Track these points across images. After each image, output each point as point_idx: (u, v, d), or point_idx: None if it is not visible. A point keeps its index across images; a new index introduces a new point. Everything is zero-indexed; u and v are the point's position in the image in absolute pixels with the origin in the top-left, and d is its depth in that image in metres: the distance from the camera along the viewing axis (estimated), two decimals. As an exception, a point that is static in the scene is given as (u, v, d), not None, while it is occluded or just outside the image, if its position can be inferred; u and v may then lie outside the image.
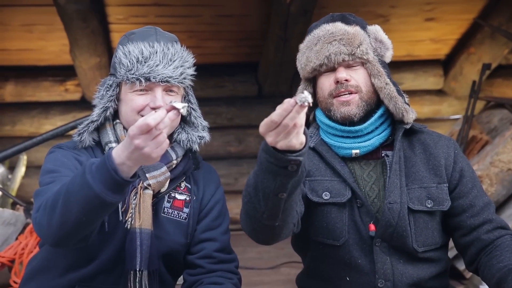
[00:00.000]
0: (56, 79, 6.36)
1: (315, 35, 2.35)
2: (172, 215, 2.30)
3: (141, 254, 2.17)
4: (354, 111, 2.29)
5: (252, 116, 6.46)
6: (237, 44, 6.11)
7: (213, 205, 2.37)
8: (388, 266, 2.27)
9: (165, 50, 2.20)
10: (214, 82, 6.39)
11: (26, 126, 6.42)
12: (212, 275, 2.29)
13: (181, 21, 5.66)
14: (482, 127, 5.28)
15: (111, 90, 2.24)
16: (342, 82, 2.29)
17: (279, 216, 2.00)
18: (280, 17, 5.14)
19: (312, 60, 2.33)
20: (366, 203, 2.28)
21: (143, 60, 2.18)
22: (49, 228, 1.96)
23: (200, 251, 2.32)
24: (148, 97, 2.20)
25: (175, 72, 2.20)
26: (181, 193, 2.33)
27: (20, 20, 5.58)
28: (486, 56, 6.13)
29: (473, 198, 2.33)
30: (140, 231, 2.17)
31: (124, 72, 2.20)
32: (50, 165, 2.18)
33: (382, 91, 2.31)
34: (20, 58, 6.20)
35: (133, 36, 2.26)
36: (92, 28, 5.35)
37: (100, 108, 2.24)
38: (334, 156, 2.34)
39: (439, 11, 5.88)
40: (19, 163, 6.02)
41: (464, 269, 4.31)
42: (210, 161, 6.42)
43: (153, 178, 2.20)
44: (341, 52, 2.29)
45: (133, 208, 2.18)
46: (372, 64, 2.32)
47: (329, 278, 2.34)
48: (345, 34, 2.31)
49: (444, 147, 2.37)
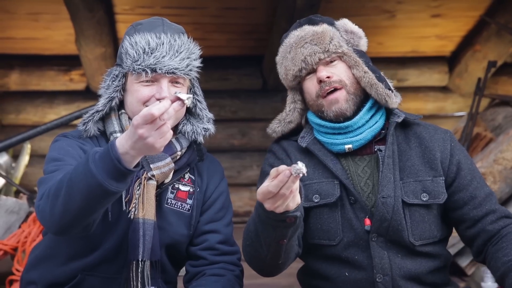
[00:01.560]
0: (61, 69, 6.37)
1: (287, 44, 2.39)
2: (175, 206, 2.30)
3: (144, 245, 2.17)
4: (344, 106, 2.32)
5: (256, 110, 6.45)
6: (242, 37, 6.10)
7: (217, 197, 2.38)
8: (386, 261, 2.28)
9: (171, 41, 2.20)
10: (219, 74, 6.38)
11: (30, 115, 6.42)
12: (214, 267, 2.30)
13: (187, 12, 5.65)
14: (487, 124, 5.28)
15: (117, 80, 2.25)
16: (324, 80, 2.31)
17: (282, 256, 2.13)
18: (286, 10, 5.13)
19: (291, 68, 2.36)
20: (360, 199, 2.28)
21: (150, 51, 2.18)
22: (51, 216, 1.97)
23: (202, 243, 2.33)
24: (153, 88, 2.20)
25: (181, 63, 2.20)
26: (185, 184, 2.33)
27: (26, 8, 5.58)
28: (492, 53, 6.11)
29: (474, 189, 2.33)
30: (144, 221, 2.17)
31: (130, 62, 2.20)
32: (55, 153, 2.18)
33: (362, 80, 2.34)
34: (25, 47, 6.20)
35: (140, 27, 2.26)
36: (98, 18, 5.34)
37: (106, 98, 2.25)
38: (326, 154, 2.35)
39: (446, 8, 5.86)
40: (23, 152, 6.03)
41: (466, 266, 4.32)
42: (213, 153, 6.38)
43: (157, 168, 2.21)
44: (315, 52, 2.32)
45: (136, 198, 2.18)
46: (348, 56, 2.35)
47: (327, 276, 2.35)
48: (314, 34, 2.35)
49: (440, 140, 2.37)
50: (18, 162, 6.02)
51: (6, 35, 5.99)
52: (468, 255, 4.29)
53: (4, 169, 5.84)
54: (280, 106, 6.28)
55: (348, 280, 2.31)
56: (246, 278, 2.41)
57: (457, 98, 6.77)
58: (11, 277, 3.65)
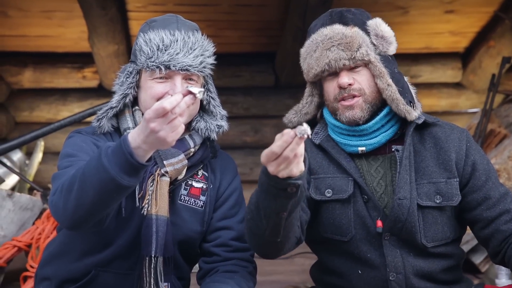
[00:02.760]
0: (74, 66, 6.40)
1: (313, 41, 2.33)
2: (188, 202, 2.30)
3: (157, 241, 2.18)
4: (359, 114, 2.28)
5: (268, 106, 6.45)
6: (255, 34, 6.11)
7: (230, 193, 2.38)
8: (399, 259, 2.27)
9: (185, 38, 2.21)
10: (231, 71, 6.39)
11: (43, 112, 6.46)
12: (228, 263, 2.30)
13: (199, 10, 5.66)
14: (501, 120, 5.25)
15: (131, 77, 2.25)
16: (345, 87, 2.27)
17: (281, 233, 2.08)
18: (299, 7, 5.13)
19: (314, 67, 2.32)
20: (373, 197, 2.27)
21: (164, 48, 2.18)
22: (65, 210, 1.98)
23: (216, 239, 2.33)
24: (167, 85, 2.20)
25: (195, 60, 2.20)
26: (198, 181, 2.33)
27: (39, 6, 5.61)
28: (506, 49, 6.08)
29: (488, 190, 2.30)
30: (157, 217, 2.18)
31: (145, 59, 2.20)
32: (69, 149, 2.20)
33: (384, 92, 2.29)
34: (39, 45, 6.23)
35: (154, 23, 2.26)
36: (111, 15, 5.36)
37: (120, 94, 2.26)
38: (340, 151, 2.33)
39: (459, 4, 5.84)
40: (36, 149, 6.06)
41: (480, 263, 4.30)
42: (226, 150, 6.42)
43: (170, 165, 2.21)
44: (340, 57, 2.27)
45: (150, 194, 2.19)
46: (374, 65, 2.29)
47: (341, 273, 2.34)
48: (343, 38, 2.28)
49: (456, 141, 2.33)
50: (31, 159, 6.06)
51: (19, 33, 6.02)
52: (482, 252, 4.27)
53: (18, 166, 5.87)
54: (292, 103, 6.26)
55: (361, 277, 2.30)
56: (259, 275, 2.41)
57: (471, 95, 6.74)
58: (25, 273, 3.67)
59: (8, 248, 3.80)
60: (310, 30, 2.39)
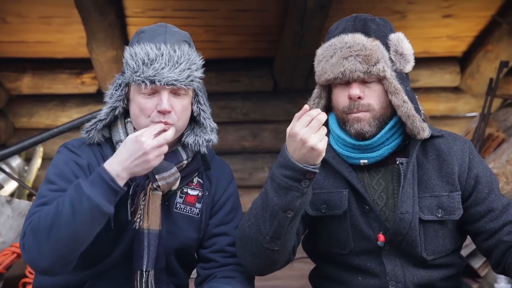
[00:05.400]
0: (72, 72, 6.40)
1: (332, 45, 2.28)
2: (184, 210, 2.30)
3: (148, 255, 2.18)
4: (366, 128, 2.24)
5: (267, 111, 6.45)
6: (253, 39, 6.11)
7: (226, 200, 2.37)
8: (399, 268, 2.26)
9: (171, 52, 2.17)
10: (230, 76, 6.39)
11: (42, 118, 6.46)
12: (225, 269, 2.30)
13: (198, 15, 5.66)
14: (499, 125, 5.26)
15: (120, 89, 2.24)
16: (355, 99, 2.23)
17: (281, 237, 2.12)
18: (297, 12, 5.14)
19: (327, 72, 2.26)
20: (374, 208, 2.25)
21: (149, 62, 2.16)
22: (40, 253, 2.02)
23: (212, 245, 2.33)
24: (155, 100, 2.18)
25: (181, 75, 2.17)
26: (194, 188, 2.33)
27: (38, 12, 5.61)
28: (504, 53, 6.08)
29: (491, 202, 2.28)
30: (148, 231, 2.18)
31: (130, 73, 2.19)
32: (52, 172, 2.22)
33: (400, 109, 2.25)
34: (37, 51, 6.24)
35: (142, 35, 2.23)
36: (110, 21, 5.36)
37: (109, 107, 2.25)
38: (341, 162, 2.31)
39: (457, 8, 5.85)
40: (35, 155, 6.06)
41: (479, 267, 4.30)
42: (225, 155, 6.47)
43: (162, 179, 2.20)
44: (356, 69, 2.22)
45: (141, 209, 2.18)
46: (389, 82, 2.25)
47: (340, 280, 2.34)
48: (362, 49, 2.23)
49: (459, 153, 2.30)
50: (30, 165, 6.06)
51: (18, 39, 6.02)
52: (481, 257, 4.27)
53: (17, 172, 5.87)
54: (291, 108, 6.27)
55: (361, 284, 2.29)
56: (258, 280, 2.41)
57: (469, 99, 6.75)
58: (24, 279, 3.67)
59: (7, 254, 3.79)
60: (331, 32, 2.34)
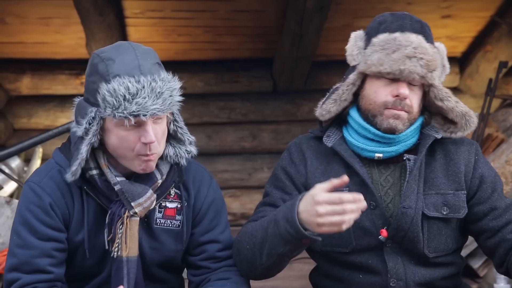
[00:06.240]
0: (72, 73, 6.39)
1: (396, 40, 2.24)
2: (165, 224, 2.27)
3: (128, 283, 2.17)
4: (400, 127, 2.25)
5: (266, 112, 6.45)
6: (252, 39, 6.11)
7: (208, 207, 2.33)
8: (400, 266, 2.26)
9: (152, 84, 2.06)
10: (230, 77, 6.39)
11: (42, 119, 6.45)
12: (219, 271, 2.29)
13: (197, 15, 5.66)
14: (498, 125, 5.27)
15: (95, 124, 2.10)
16: (402, 99, 2.23)
17: (274, 270, 2.20)
18: (296, 13, 5.14)
19: (384, 65, 2.22)
20: (381, 205, 2.26)
21: (130, 97, 2.03)
22: None
23: (202, 253, 2.31)
24: (137, 132, 2.09)
25: (163, 104, 2.08)
26: (172, 201, 2.28)
27: (37, 13, 5.61)
28: (503, 54, 6.08)
29: (494, 201, 2.29)
30: (127, 259, 2.17)
31: (111, 110, 2.05)
32: (19, 222, 2.18)
33: (454, 110, 2.28)
34: (36, 51, 6.23)
35: (111, 63, 2.08)
36: (109, 22, 5.36)
37: (87, 144, 2.11)
38: (353, 156, 2.30)
39: (456, 9, 5.84)
40: (34, 156, 6.05)
41: (478, 267, 4.30)
42: (224, 156, 6.49)
43: (139, 205, 2.16)
44: (415, 71, 2.21)
45: (119, 238, 2.16)
46: (438, 89, 2.28)
47: (341, 278, 2.34)
48: (425, 54, 2.23)
49: (465, 153, 2.33)
50: (30, 166, 6.05)
51: (17, 40, 6.02)
52: (480, 257, 4.27)
53: (16, 173, 5.86)
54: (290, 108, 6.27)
55: (362, 282, 2.30)
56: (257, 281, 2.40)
57: (468, 99, 6.74)
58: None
59: (6, 255, 3.79)
60: (387, 24, 2.30)
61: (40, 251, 2.13)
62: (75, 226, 2.19)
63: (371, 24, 2.37)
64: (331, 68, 6.36)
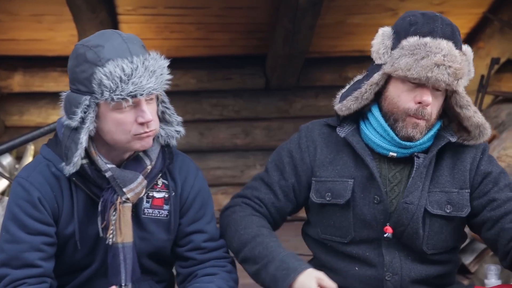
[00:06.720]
0: (64, 70, 6.37)
1: (426, 46, 2.19)
2: (153, 214, 2.27)
3: (126, 269, 2.17)
4: (418, 136, 2.25)
5: (259, 109, 6.45)
6: (245, 36, 6.11)
7: (194, 196, 2.33)
8: (397, 260, 2.27)
9: (145, 63, 2.10)
10: (222, 74, 6.39)
11: (33, 116, 6.44)
12: (206, 265, 2.29)
13: (189, 12, 5.66)
14: (490, 121, 5.25)
15: (92, 112, 2.11)
16: (424, 106, 2.21)
17: None
18: (289, 9, 5.14)
19: (411, 71, 2.18)
20: (385, 200, 2.26)
21: (126, 78, 2.07)
22: None
23: (188, 244, 2.31)
24: (133, 113, 2.11)
25: (157, 82, 2.12)
26: (159, 191, 2.29)
27: (29, 10, 5.59)
28: (495, 50, 6.11)
29: (493, 194, 2.28)
30: (123, 245, 2.17)
31: (108, 94, 2.07)
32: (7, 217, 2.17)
33: (471, 120, 2.28)
34: (28, 48, 6.22)
35: (100, 49, 2.12)
36: (101, 19, 5.35)
37: (85, 133, 2.11)
38: (364, 148, 2.30)
39: (449, 5, 5.86)
40: (26, 153, 6.03)
41: (469, 263, 4.31)
42: (217, 153, 6.48)
43: (130, 191, 2.17)
44: (442, 80, 2.17)
45: (113, 224, 2.16)
46: (461, 96, 2.26)
47: (337, 269, 2.34)
48: (454, 61, 2.18)
49: (473, 151, 2.34)
50: (21, 164, 6.02)
51: (9, 37, 6.00)
52: (471, 252, 4.28)
53: (8, 171, 5.84)
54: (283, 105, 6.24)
55: (358, 275, 2.30)
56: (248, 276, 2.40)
57: (460, 96, 6.76)
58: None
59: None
60: (417, 27, 2.24)
61: (29, 245, 2.13)
62: (65, 218, 2.19)
63: (400, 22, 2.30)
64: (324, 65, 6.37)
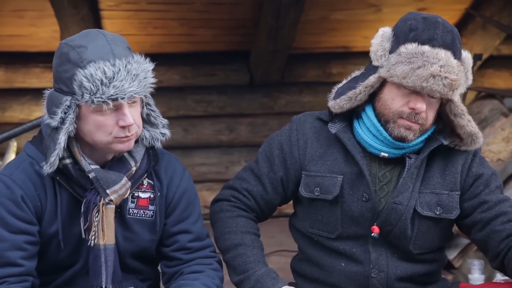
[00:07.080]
0: (46, 66, 6.32)
1: (423, 55, 2.17)
2: (138, 215, 2.27)
3: (107, 271, 2.17)
4: (411, 137, 2.25)
5: (243, 105, 6.45)
6: (229, 32, 6.09)
7: (180, 196, 2.33)
8: (383, 258, 2.28)
9: (128, 66, 2.07)
10: (206, 70, 6.37)
11: (16, 113, 6.39)
12: (191, 264, 2.29)
13: (172, 8, 5.63)
14: (473, 117, 5.30)
15: (71, 112, 2.09)
16: (417, 112, 2.21)
17: None
18: (272, 5, 5.13)
19: (407, 79, 2.18)
20: (373, 199, 2.27)
21: (108, 81, 2.04)
22: None
23: (174, 244, 2.31)
24: (114, 116, 2.10)
25: (139, 86, 2.09)
26: (145, 191, 2.28)
27: (11, 5, 5.55)
28: (478, 46, 6.14)
29: (484, 196, 2.29)
30: (105, 247, 2.16)
31: (89, 96, 2.05)
32: None
33: (464, 128, 2.28)
34: (10, 44, 6.16)
35: (83, 50, 2.08)
36: (83, 14, 5.32)
37: (64, 133, 2.10)
38: (355, 145, 2.30)
39: (431, 1, 5.88)
40: (8, 150, 5.99)
41: (453, 258, 4.34)
42: (201, 149, 6.47)
43: (114, 193, 2.16)
44: (437, 90, 2.17)
45: (95, 226, 2.15)
46: (456, 105, 2.26)
47: (323, 265, 2.35)
48: (451, 72, 2.17)
49: (464, 153, 2.34)
50: (4, 160, 5.98)
51: (-10, 33, 5.96)
52: (455, 248, 4.31)
53: (-10, 168, 5.80)
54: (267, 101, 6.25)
55: (344, 271, 2.31)
56: (236, 273, 2.40)
57: (443, 92, 6.80)
58: None
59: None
60: (417, 33, 2.20)
61: (11, 243, 2.11)
62: (48, 217, 2.18)
63: (400, 24, 2.28)
64: (308, 61, 6.36)
